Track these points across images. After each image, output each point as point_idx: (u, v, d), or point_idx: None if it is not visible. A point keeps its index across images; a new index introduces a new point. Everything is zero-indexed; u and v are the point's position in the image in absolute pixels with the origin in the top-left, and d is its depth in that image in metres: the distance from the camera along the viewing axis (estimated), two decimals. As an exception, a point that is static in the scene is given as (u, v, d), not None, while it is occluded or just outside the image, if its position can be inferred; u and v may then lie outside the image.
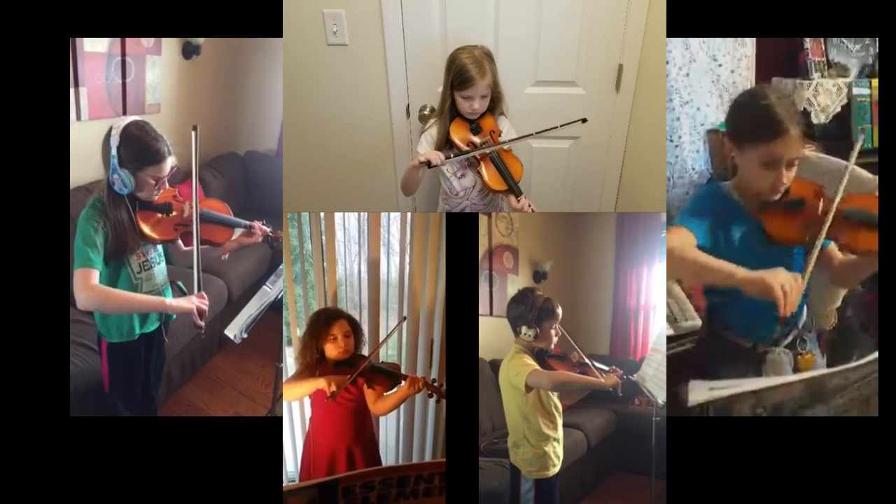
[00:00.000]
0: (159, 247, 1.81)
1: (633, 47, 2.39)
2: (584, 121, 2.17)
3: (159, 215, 1.73)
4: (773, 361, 1.59)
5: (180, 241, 1.83)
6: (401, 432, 2.51)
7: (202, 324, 1.70)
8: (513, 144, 2.18)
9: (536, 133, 2.15)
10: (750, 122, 1.48)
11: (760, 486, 1.59)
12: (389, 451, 2.51)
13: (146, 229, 1.70)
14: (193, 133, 1.69)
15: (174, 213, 1.75)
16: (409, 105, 2.55)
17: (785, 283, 1.30)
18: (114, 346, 1.77)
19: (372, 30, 2.40)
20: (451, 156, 2.09)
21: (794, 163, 1.47)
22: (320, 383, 1.73)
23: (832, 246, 1.58)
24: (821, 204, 1.49)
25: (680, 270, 1.48)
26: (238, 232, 1.90)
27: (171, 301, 1.72)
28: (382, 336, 2.46)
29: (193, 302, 1.68)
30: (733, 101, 1.58)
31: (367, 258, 2.40)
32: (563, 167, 2.70)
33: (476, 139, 2.10)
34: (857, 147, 1.54)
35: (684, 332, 1.89)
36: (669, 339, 1.90)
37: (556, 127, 2.15)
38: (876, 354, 1.25)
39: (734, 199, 1.58)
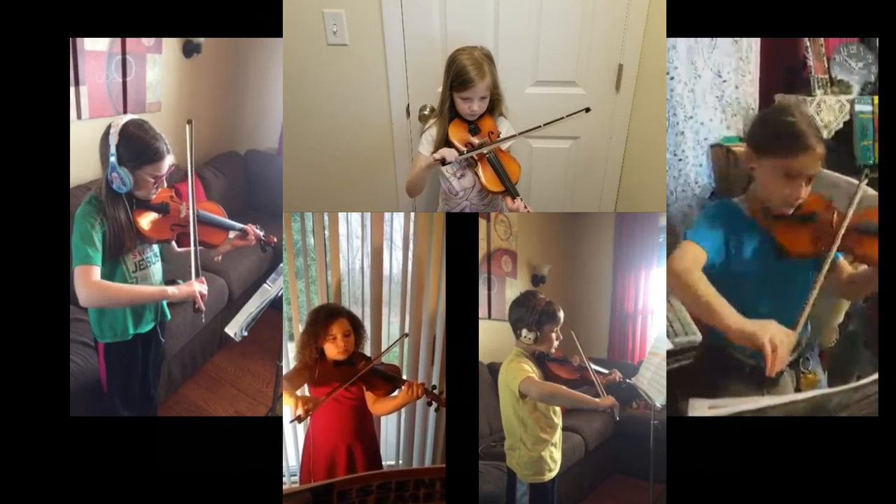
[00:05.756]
0: (155, 247, 1.82)
1: (633, 47, 2.39)
2: (587, 110, 2.15)
3: (155, 215, 1.74)
4: (775, 380, 1.58)
5: (174, 243, 1.84)
6: (401, 432, 2.51)
7: (203, 307, 1.73)
8: (512, 145, 2.17)
9: (542, 125, 2.11)
10: (775, 135, 1.51)
11: (760, 488, 1.59)
12: (389, 449, 2.51)
13: (143, 227, 1.71)
14: (188, 127, 1.69)
15: (171, 214, 1.76)
16: (409, 105, 2.55)
17: (775, 338, 1.27)
18: (109, 346, 1.78)
19: (372, 30, 2.40)
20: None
21: (811, 178, 1.51)
22: (290, 403, 1.69)
23: (842, 259, 1.61)
24: (834, 217, 1.52)
25: (681, 296, 1.46)
26: (233, 234, 1.92)
27: (172, 289, 1.74)
28: (384, 334, 2.46)
29: (194, 287, 1.72)
30: (758, 114, 1.64)
31: (370, 255, 2.39)
32: (563, 167, 2.70)
33: (474, 140, 2.09)
34: (864, 179, 1.57)
35: (683, 347, 1.89)
36: (668, 353, 1.90)
37: (561, 118, 2.12)
38: (877, 374, 1.24)
39: (745, 213, 1.60)
